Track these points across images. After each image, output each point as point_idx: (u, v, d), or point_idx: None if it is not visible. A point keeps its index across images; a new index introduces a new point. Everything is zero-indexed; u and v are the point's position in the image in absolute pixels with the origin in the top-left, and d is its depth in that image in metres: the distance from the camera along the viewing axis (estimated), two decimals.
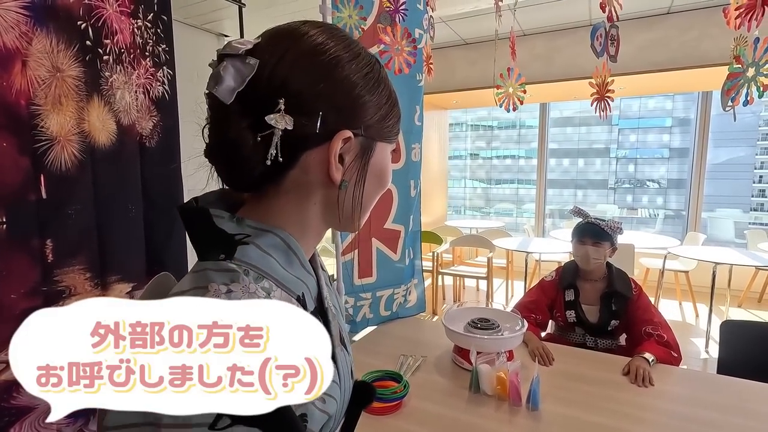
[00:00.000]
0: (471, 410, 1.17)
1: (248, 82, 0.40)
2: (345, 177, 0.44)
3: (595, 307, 1.64)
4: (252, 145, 0.40)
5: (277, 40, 0.43)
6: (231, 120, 0.41)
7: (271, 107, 0.39)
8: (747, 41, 0.88)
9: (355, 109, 0.43)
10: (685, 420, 1.15)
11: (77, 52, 1.54)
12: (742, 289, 3.89)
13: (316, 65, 0.41)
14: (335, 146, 0.42)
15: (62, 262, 1.55)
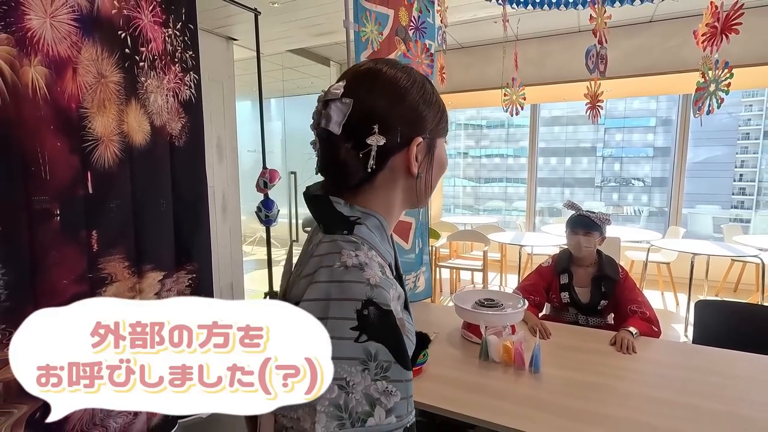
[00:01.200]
0: (482, 373, 1.36)
1: (347, 116, 0.53)
2: (420, 170, 0.57)
3: (587, 288, 1.83)
4: (356, 161, 0.54)
5: (360, 80, 0.56)
6: (340, 146, 0.54)
7: (367, 132, 0.53)
8: (710, 61, 1.06)
9: (421, 121, 0.57)
10: (663, 378, 1.35)
11: (118, 59, 1.69)
12: (719, 280, 4.16)
13: (392, 95, 0.55)
14: (413, 150, 0.56)
15: (105, 252, 1.69)
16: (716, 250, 3.46)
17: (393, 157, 0.55)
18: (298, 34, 3.29)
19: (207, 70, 3.14)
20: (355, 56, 1.63)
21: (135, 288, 1.80)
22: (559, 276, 1.85)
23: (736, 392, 1.26)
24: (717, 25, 1.02)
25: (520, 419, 1.12)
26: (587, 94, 1.38)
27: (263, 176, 2.43)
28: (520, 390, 1.27)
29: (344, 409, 0.45)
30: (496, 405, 1.19)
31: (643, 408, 1.17)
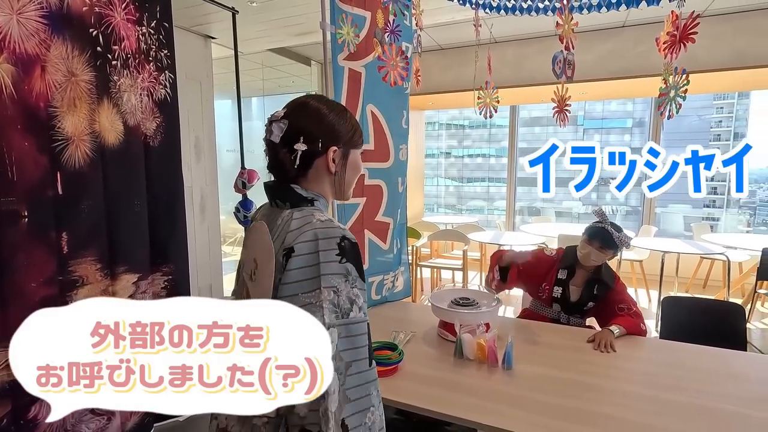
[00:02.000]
0: (456, 371, 1.38)
1: (284, 131, 0.79)
2: (336, 169, 0.82)
3: (580, 288, 1.86)
4: (289, 161, 0.79)
5: (294, 108, 0.82)
6: (278, 151, 0.80)
7: (296, 141, 0.78)
8: (671, 68, 1.11)
9: (336, 135, 0.81)
10: (631, 372, 1.40)
11: (89, 57, 1.65)
12: (689, 277, 4.31)
13: (314, 117, 0.80)
14: (329, 155, 0.81)
15: (76, 254, 1.65)
16: (685, 248, 3.58)
17: (317, 159, 0.80)
18: (278, 34, 3.27)
19: (184, 69, 3.09)
20: (332, 57, 1.64)
21: (108, 291, 1.77)
22: (559, 270, 1.85)
23: (698, 385, 1.31)
24: (676, 33, 1.07)
25: (492, 415, 1.15)
26: (554, 98, 1.42)
27: (241, 176, 2.42)
28: (492, 386, 1.30)
29: (337, 306, 0.67)
30: (469, 402, 1.22)
31: (611, 401, 1.22)
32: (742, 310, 1.84)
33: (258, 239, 0.78)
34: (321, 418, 0.63)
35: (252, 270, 0.78)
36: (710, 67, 3.58)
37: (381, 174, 1.94)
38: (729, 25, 3.53)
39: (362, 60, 1.74)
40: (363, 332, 0.70)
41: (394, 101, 1.92)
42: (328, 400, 0.63)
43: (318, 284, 0.66)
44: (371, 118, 1.85)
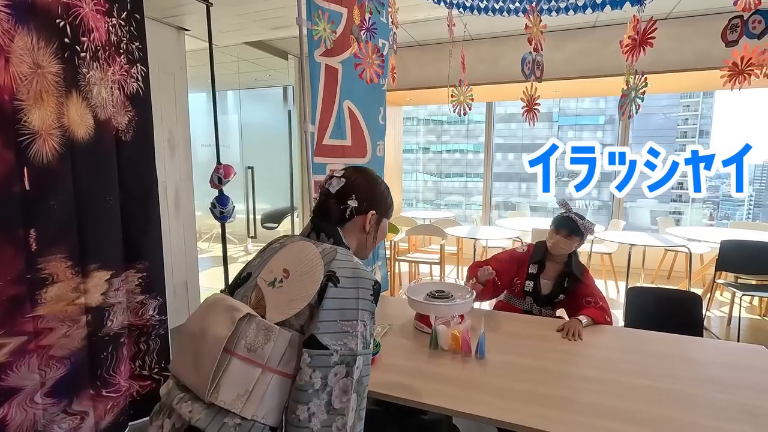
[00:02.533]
0: (432, 361, 1.43)
1: (340, 187, 0.95)
2: (369, 230, 0.98)
3: (551, 282, 1.94)
4: (338, 211, 0.95)
5: (352, 172, 0.99)
6: (330, 199, 0.96)
7: (348, 198, 0.95)
8: (632, 70, 1.17)
9: (377, 204, 0.98)
10: (595, 359, 1.47)
11: (56, 49, 1.60)
12: (655, 268, 4.51)
13: (365, 186, 0.98)
14: (368, 217, 0.97)
15: (45, 251, 1.61)
16: (650, 241, 3.75)
17: (357, 216, 0.96)
18: (253, 27, 3.23)
19: (157, 62, 3.01)
20: (308, 53, 1.64)
21: (79, 288, 1.74)
22: (530, 265, 1.92)
23: (656, 369, 1.40)
24: (636, 37, 1.13)
25: (465, 402, 1.19)
26: (523, 98, 1.47)
27: (217, 172, 2.39)
28: (466, 375, 1.35)
29: (364, 338, 0.79)
30: (444, 390, 1.26)
31: (576, 386, 1.29)
32: (699, 299, 1.95)
33: (297, 254, 0.87)
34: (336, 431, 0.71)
35: (278, 278, 0.83)
36: (675, 68, 3.73)
37: None
38: (692, 27, 3.69)
39: (339, 56, 1.75)
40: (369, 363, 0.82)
41: (371, 97, 1.93)
42: (348, 416, 0.71)
43: (356, 317, 0.78)
44: (348, 114, 1.87)
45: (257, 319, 0.77)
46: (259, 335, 0.75)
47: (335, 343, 0.74)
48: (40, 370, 1.60)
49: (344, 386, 0.72)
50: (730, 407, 1.18)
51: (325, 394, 0.71)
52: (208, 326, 0.77)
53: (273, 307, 0.79)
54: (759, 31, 0.94)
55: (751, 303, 3.85)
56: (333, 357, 0.73)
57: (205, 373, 0.73)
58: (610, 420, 1.11)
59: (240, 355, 0.74)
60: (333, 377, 0.71)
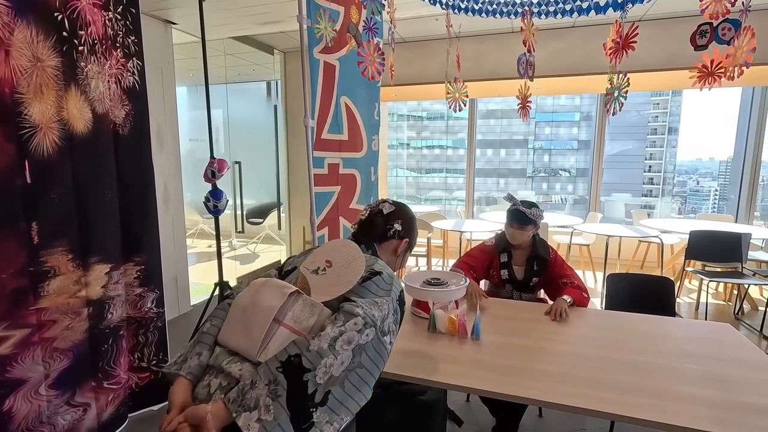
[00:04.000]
0: (430, 344, 1.52)
1: (390, 211, 1.15)
2: (399, 254, 1.15)
3: (522, 267, 2.06)
4: (382, 229, 1.13)
5: (398, 206, 1.17)
6: (378, 218, 1.15)
7: (395, 221, 1.14)
8: (615, 70, 1.28)
9: (411, 235, 1.17)
10: (581, 337, 1.59)
11: (55, 42, 1.61)
12: (629, 258, 4.74)
13: (408, 217, 1.17)
14: (403, 242, 1.15)
15: (47, 244, 1.62)
16: (625, 233, 3.95)
17: (394, 240, 1.14)
18: (242, 22, 3.23)
19: (145, 55, 2.99)
20: (308, 50, 1.69)
21: (81, 281, 1.75)
22: (500, 255, 2.04)
23: (635, 345, 1.53)
24: (619, 41, 1.23)
25: (464, 377, 1.29)
26: (518, 96, 1.56)
27: (211, 166, 2.41)
28: (463, 354, 1.44)
29: (382, 321, 0.85)
30: (443, 367, 1.35)
31: (565, 362, 1.40)
32: (671, 283, 2.10)
33: (343, 249, 0.98)
34: (322, 366, 0.74)
35: (321, 267, 0.94)
36: (649, 67, 3.93)
37: (355, 163, 2.02)
38: (664, 29, 3.89)
39: (337, 53, 1.80)
40: (383, 358, 0.85)
41: (367, 93, 2.00)
42: (337, 361, 0.75)
43: (387, 301, 0.89)
44: (345, 110, 1.93)
45: (304, 296, 0.86)
46: (305, 310, 0.84)
47: (363, 302, 0.84)
48: (44, 361, 1.62)
49: (351, 337, 0.78)
50: (701, 376, 1.31)
51: (337, 330, 0.78)
52: (260, 299, 0.86)
53: (316, 290, 0.88)
54: (729, 37, 1.05)
55: (717, 289, 4.10)
56: (357, 309, 0.81)
57: (255, 338, 0.81)
58: (597, 390, 1.23)
59: (287, 324, 0.83)
60: (351, 324, 0.79)
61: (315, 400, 0.74)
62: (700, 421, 1.09)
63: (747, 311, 3.61)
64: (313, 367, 0.74)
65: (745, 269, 3.40)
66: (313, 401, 0.74)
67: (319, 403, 0.74)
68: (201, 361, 0.88)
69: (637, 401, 1.17)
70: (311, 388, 0.73)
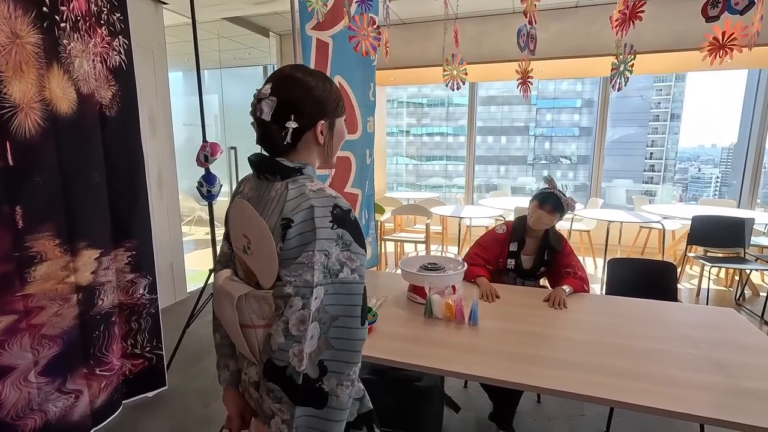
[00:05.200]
0: (427, 329, 1.48)
1: (273, 109, 0.78)
2: (325, 140, 0.84)
3: (531, 257, 2.00)
4: (280, 137, 0.80)
5: (281, 83, 0.80)
6: (269, 128, 0.80)
7: (287, 118, 0.79)
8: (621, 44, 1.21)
9: (323, 108, 0.82)
10: (579, 323, 1.56)
11: (34, 18, 1.54)
12: (630, 244, 4.71)
13: (303, 92, 0.80)
14: (318, 128, 0.82)
15: (32, 229, 1.58)
16: (627, 218, 3.90)
17: (306, 133, 0.82)
18: (235, 2, 3.14)
19: (134, 36, 2.90)
20: (300, 27, 1.62)
21: (69, 267, 1.71)
22: (510, 243, 1.98)
23: (631, 329, 1.49)
24: (626, 12, 1.17)
25: (460, 364, 1.25)
26: (518, 70, 1.50)
27: (204, 150, 2.35)
28: (460, 340, 1.41)
29: (326, 268, 0.73)
30: (440, 353, 1.32)
31: (564, 347, 1.36)
32: (673, 268, 2.06)
33: (244, 217, 0.82)
34: (294, 357, 0.71)
35: (245, 245, 0.82)
36: (653, 48, 3.83)
37: (349, 146, 1.96)
38: (669, 8, 3.78)
39: (330, 30, 1.73)
40: (354, 293, 0.75)
41: (361, 73, 1.93)
42: (305, 344, 0.71)
43: (313, 248, 0.72)
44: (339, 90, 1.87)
45: (252, 293, 0.80)
46: (261, 305, 0.79)
47: (290, 275, 0.73)
48: (32, 348, 1.59)
49: (301, 317, 0.71)
50: (703, 361, 1.28)
51: (282, 322, 0.72)
52: (223, 315, 0.85)
53: (259, 272, 0.81)
54: (742, 6, 0.98)
55: (718, 275, 4.07)
56: (287, 288, 0.72)
57: (247, 351, 0.82)
58: (595, 375, 1.19)
59: (259, 325, 0.80)
60: (289, 309, 0.72)
61: (312, 377, 0.72)
62: (701, 406, 1.06)
63: (748, 297, 3.58)
64: (286, 362, 0.71)
65: (747, 255, 3.37)
66: (311, 380, 0.72)
67: (319, 376, 0.72)
68: (232, 370, 0.94)
69: (637, 387, 1.14)
70: (298, 377, 0.71)
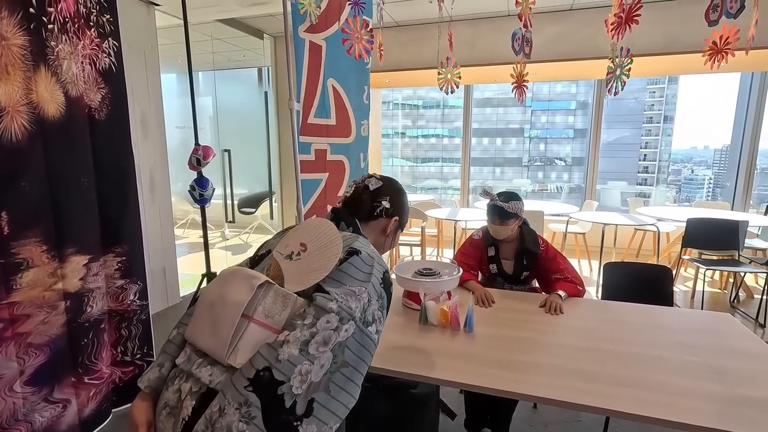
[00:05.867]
0: (422, 336, 1.46)
1: (377, 187, 1.02)
2: (389, 234, 1.04)
3: (511, 261, 1.99)
4: (370, 207, 1.01)
5: (386, 181, 1.05)
6: (365, 195, 1.02)
7: (382, 198, 1.01)
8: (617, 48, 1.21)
9: (402, 212, 1.05)
10: (575, 329, 1.55)
11: (21, 19, 1.51)
12: (625, 247, 4.72)
13: (396, 193, 1.05)
14: (392, 221, 1.03)
15: (18, 235, 1.54)
16: (621, 221, 3.90)
17: (383, 218, 1.02)
18: (228, 3, 3.11)
19: (126, 38, 2.86)
20: (292, 29, 1.60)
21: (56, 273, 1.67)
22: (487, 248, 1.97)
23: (627, 335, 1.48)
24: (622, 15, 1.16)
25: (455, 372, 1.23)
26: (513, 74, 1.49)
27: (196, 153, 2.32)
28: (455, 347, 1.39)
29: (363, 312, 0.77)
30: (434, 361, 1.30)
31: (558, 354, 1.35)
32: (669, 272, 2.06)
33: (319, 229, 0.89)
34: (298, 376, 0.67)
35: (295, 252, 0.85)
36: (647, 52, 3.84)
37: (343, 149, 1.94)
38: (662, 12, 3.80)
39: (323, 33, 1.71)
40: (370, 351, 0.77)
41: (355, 76, 1.91)
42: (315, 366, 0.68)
43: (365, 287, 0.79)
44: (332, 93, 1.84)
45: (275, 287, 0.78)
46: (277, 302, 0.76)
47: (338, 294, 0.75)
48: (18, 357, 1.55)
49: (327, 337, 0.70)
50: (700, 368, 1.27)
51: (308, 332, 0.70)
52: (228, 293, 0.78)
53: (291, 278, 0.80)
54: (735, 10, 0.98)
55: (713, 278, 4.09)
56: (331, 303, 0.73)
57: (223, 338, 0.74)
58: (593, 383, 1.18)
59: (257, 320, 0.75)
60: (324, 323, 0.70)
61: (297, 412, 0.66)
62: (698, 415, 1.04)
63: (743, 299, 3.59)
64: (287, 378, 0.66)
65: (741, 257, 3.38)
66: (295, 414, 0.66)
67: (303, 414, 0.66)
68: (162, 373, 0.84)
69: (634, 395, 1.12)
70: (289, 401, 0.65)
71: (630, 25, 1.15)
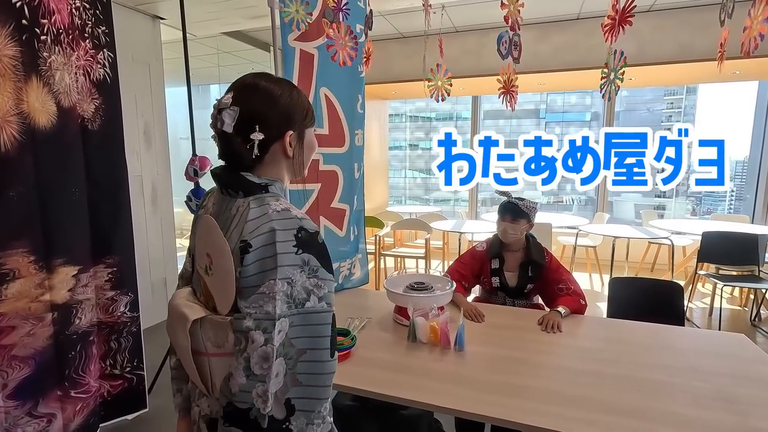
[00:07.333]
0: (410, 354, 1.39)
1: (236, 119, 0.72)
2: (294, 153, 0.78)
3: (515, 273, 1.91)
4: (246, 150, 0.74)
5: (243, 92, 0.74)
6: (232, 140, 0.73)
7: (251, 130, 0.73)
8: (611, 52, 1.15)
9: (290, 119, 0.77)
10: (575, 349, 1.45)
11: (13, 31, 1.52)
12: (638, 261, 4.55)
13: (268, 102, 0.74)
14: (286, 139, 0.76)
15: (5, 245, 1.53)
16: (633, 233, 3.77)
17: (273, 145, 0.76)
18: (230, 16, 3.14)
19: (131, 51, 2.92)
20: (281, 39, 1.58)
21: (44, 285, 1.66)
22: (491, 260, 1.90)
23: (637, 358, 1.38)
24: (616, 18, 1.11)
25: (441, 395, 1.16)
26: (499, 79, 1.43)
27: (192, 164, 2.31)
28: (443, 368, 1.31)
29: (290, 297, 0.67)
30: (420, 383, 1.22)
31: (557, 378, 1.26)
32: (680, 288, 1.94)
33: (208, 234, 0.76)
34: (258, 398, 0.64)
35: (207, 265, 0.76)
36: (657, 60, 3.75)
37: (336, 159, 1.90)
38: (674, 19, 3.70)
39: (315, 41, 1.69)
40: (322, 322, 0.69)
41: (348, 85, 1.88)
42: (269, 383, 0.64)
43: (274, 275, 0.66)
44: (325, 102, 1.81)
45: (207, 318, 0.74)
46: (218, 332, 0.72)
47: (249, 306, 0.66)
48: (1, 370, 1.53)
49: (263, 354, 0.64)
50: (710, 395, 1.16)
51: (242, 359, 0.65)
52: (176, 339, 0.78)
53: (218, 296, 0.74)
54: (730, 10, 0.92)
55: (732, 294, 3.90)
56: (246, 321, 0.66)
57: (197, 379, 0.76)
58: (591, 411, 1.09)
59: (212, 353, 0.73)
60: (251, 344, 0.65)
61: (279, 418, 0.65)
62: None
63: (765, 317, 3.40)
64: (250, 404, 0.64)
65: (762, 272, 3.21)
66: (278, 422, 0.65)
67: (287, 416, 0.66)
68: (184, 395, 0.89)
69: (632, 426, 1.03)
70: (264, 420, 0.64)
71: (623, 27, 1.09)
